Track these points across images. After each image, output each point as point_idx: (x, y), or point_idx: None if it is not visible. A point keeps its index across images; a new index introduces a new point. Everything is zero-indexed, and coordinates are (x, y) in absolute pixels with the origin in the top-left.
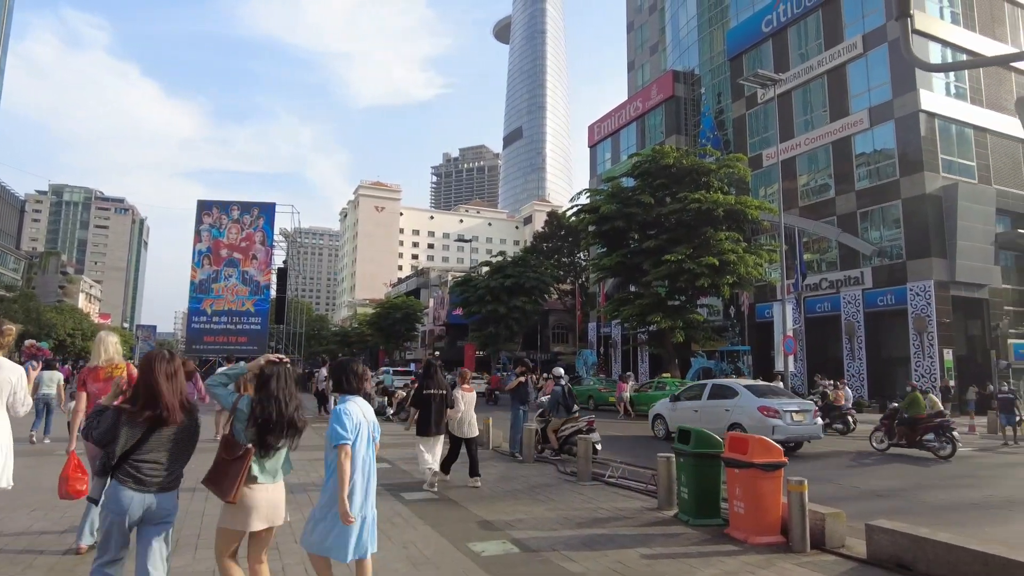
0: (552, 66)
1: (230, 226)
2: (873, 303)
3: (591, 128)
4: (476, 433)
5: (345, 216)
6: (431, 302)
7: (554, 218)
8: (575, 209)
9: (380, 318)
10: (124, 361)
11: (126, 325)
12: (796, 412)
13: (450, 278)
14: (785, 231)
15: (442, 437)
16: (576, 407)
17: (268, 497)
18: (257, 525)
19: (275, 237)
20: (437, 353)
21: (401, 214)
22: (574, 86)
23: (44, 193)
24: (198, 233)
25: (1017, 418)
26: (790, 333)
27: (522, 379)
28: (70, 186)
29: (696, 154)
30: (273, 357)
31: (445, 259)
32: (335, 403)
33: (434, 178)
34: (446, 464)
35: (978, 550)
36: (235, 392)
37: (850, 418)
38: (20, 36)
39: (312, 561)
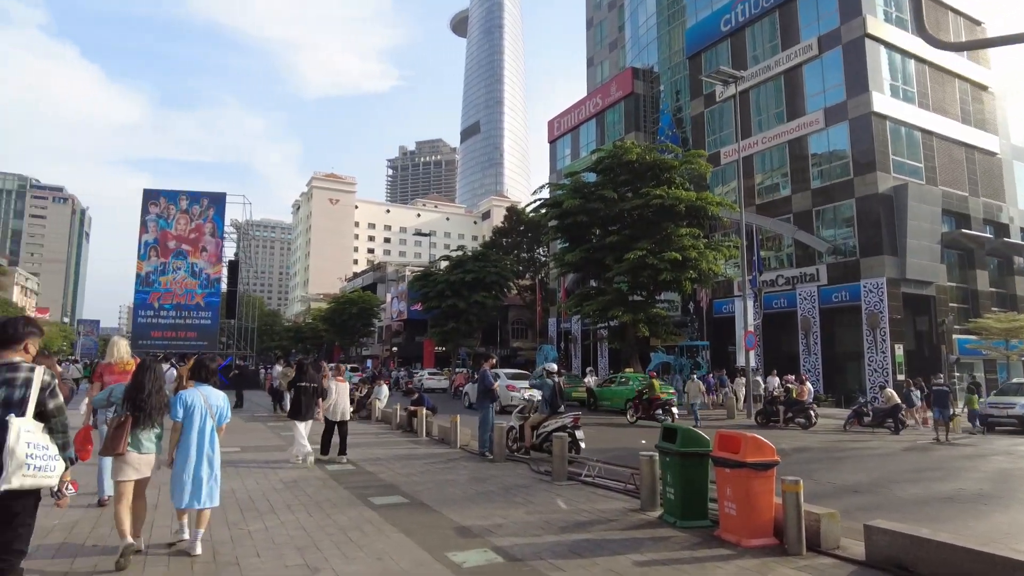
0: (510, 61)
1: (179, 217)
2: (828, 299)
3: (551, 123)
4: (347, 418)
5: (298, 208)
6: (388, 297)
7: (513, 213)
8: (537, 203)
9: (335, 313)
10: (132, 358)
11: (66, 319)
12: None
13: (408, 272)
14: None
15: (311, 421)
16: (562, 405)
17: (138, 458)
18: (133, 476)
19: (226, 228)
20: (395, 349)
21: (356, 207)
22: (532, 82)
23: None
24: (144, 224)
25: (951, 412)
26: (751, 329)
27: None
28: (5, 174)
29: (657, 150)
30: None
31: (402, 253)
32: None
33: (390, 171)
34: (324, 444)
35: (983, 551)
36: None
37: (812, 412)
38: None
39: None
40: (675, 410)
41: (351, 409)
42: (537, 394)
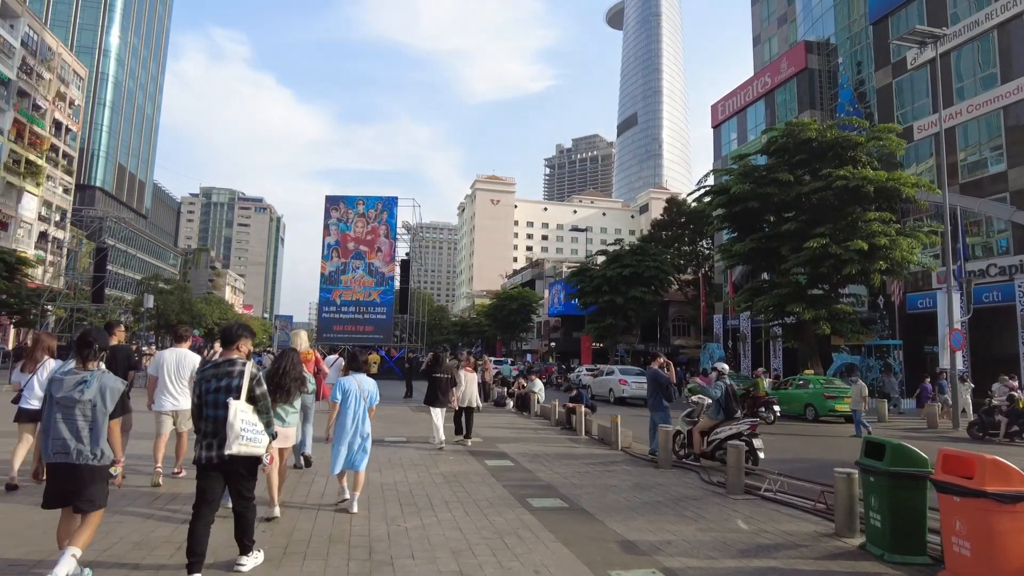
0: (668, 49)
1: (356, 220)
2: None
3: (714, 107)
4: (474, 406)
5: (462, 210)
6: (547, 293)
7: (673, 204)
8: (701, 191)
9: (496, 309)
10: (312, 349)
11: (266, 315)
12: None
13: (565, 269)
14: (942, 211)
15: (444, 408)
16: (739, 410)
17: (282, 430)
18: (278, 445)
19: (398, 230)
20: (554, 344)
21: (516, 206)
22: (692, 68)
23: (196, 196)
24: (327, 227)
25: None
26: (957, 326)
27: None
28: (217, 188)
29: (839, 126)
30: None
31: (559, 250)
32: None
33: (547, 170)
34: (457, 426)
35: None
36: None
37: None
38: (176, 56)
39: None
40: (776, 408)
41: (479, 398)
42: (704, 400)
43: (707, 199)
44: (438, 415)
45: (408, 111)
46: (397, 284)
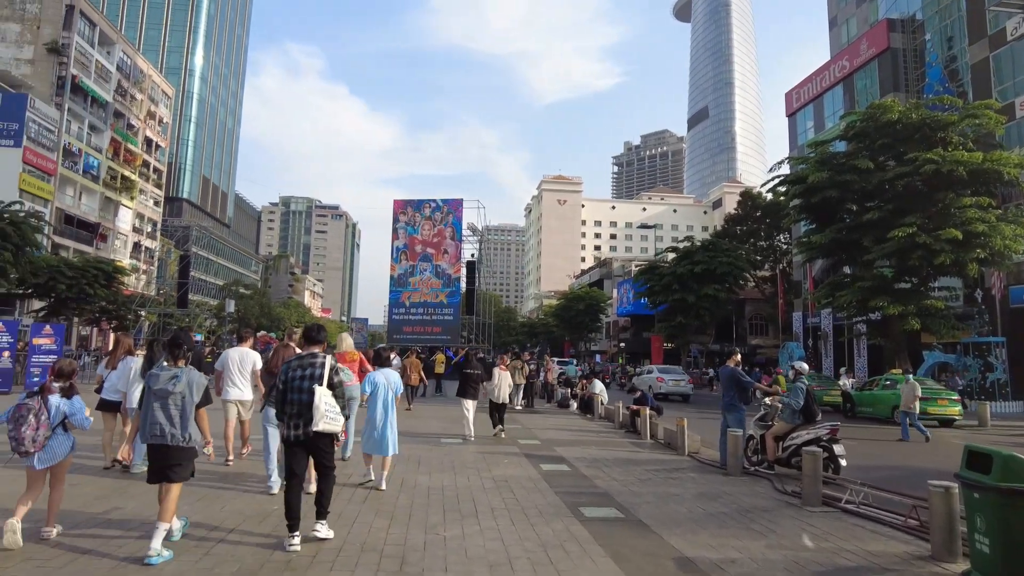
0: (739, 39)
1: (423, 223)
2: None
3: (788, 95)
4: (505, 401)
5: (529, 211)
6: (615, 292)
7: (748, 198)
8: (775, 181)
9: (564, 309)
10: (358, 351)
11: (344, 318)
12: None
13: (634, 268)
14: None
15: (475, 401)
16: (819, 413)
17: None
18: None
19: (463, 231)
20: (623, 345)
21: (583, 206)
22: (765, 57)
23: (275, 204)
24: (395, 231)
25: None
26: None
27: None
28: (295, 197)
29: (926, 106)
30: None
31: (628, 249)
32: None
33: (615, 168)
34: (492, 419)
35: None
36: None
37: None
38: (255, 72)
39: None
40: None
41: (508, 395)
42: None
43: (782, 189)
44: (470, 407)
45: (476, 115)
46: (463, 285)
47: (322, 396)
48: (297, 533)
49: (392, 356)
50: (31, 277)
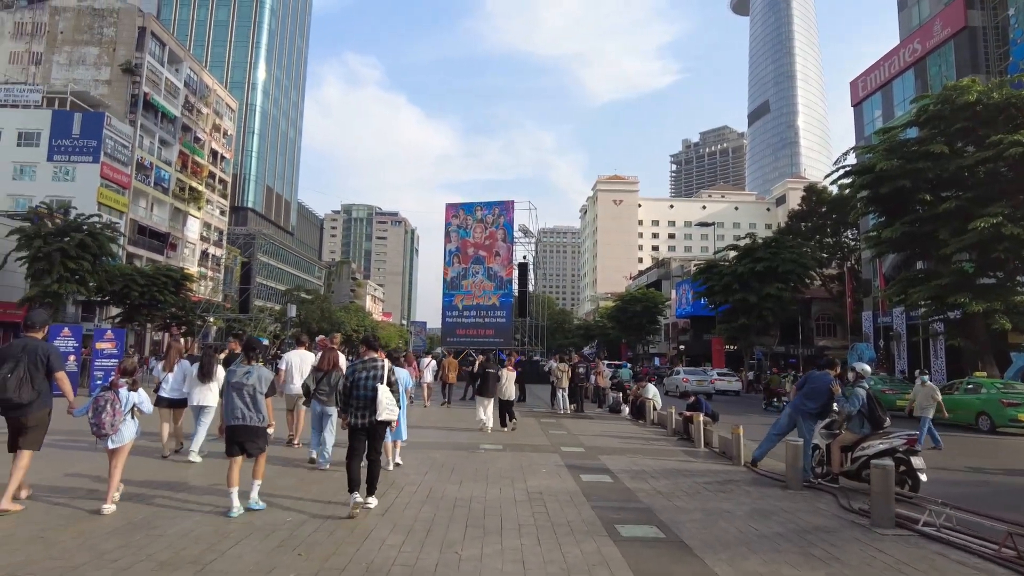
0: (800, 29)
1: (475, 226)
2: None
3: (854, 84)
4: (511, 399)
5: (585, 213)
6: (673, 294)
7: (813, 193)
8: (840, 172)
9: (620, 311)
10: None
11: (403, 322)
12: None
13: (693, 268)
14: None
15: (493, 399)
16: (887, 419)
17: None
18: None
19: (515, 233)
20: (683, 347)
21: (639, 205)
22: (828, 47)
23: (337, 212)
24: (447, 234)
25: None
26: None
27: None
28: (356, 205)
29: (1010, 83)
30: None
31: (687, 248)
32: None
33: (673, 166)
34: (502, 418)
35: None
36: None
37: None
38: (316, 84)
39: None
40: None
41: (516, 394)
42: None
43: (847, 181)
44: (487, 404)
45: (531, 118)
46: (515, 287)
47: (383, 392)
48: (356, 492)
49: (427, 359)
50: (108, 285)
